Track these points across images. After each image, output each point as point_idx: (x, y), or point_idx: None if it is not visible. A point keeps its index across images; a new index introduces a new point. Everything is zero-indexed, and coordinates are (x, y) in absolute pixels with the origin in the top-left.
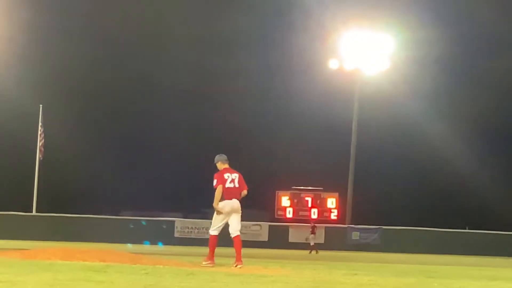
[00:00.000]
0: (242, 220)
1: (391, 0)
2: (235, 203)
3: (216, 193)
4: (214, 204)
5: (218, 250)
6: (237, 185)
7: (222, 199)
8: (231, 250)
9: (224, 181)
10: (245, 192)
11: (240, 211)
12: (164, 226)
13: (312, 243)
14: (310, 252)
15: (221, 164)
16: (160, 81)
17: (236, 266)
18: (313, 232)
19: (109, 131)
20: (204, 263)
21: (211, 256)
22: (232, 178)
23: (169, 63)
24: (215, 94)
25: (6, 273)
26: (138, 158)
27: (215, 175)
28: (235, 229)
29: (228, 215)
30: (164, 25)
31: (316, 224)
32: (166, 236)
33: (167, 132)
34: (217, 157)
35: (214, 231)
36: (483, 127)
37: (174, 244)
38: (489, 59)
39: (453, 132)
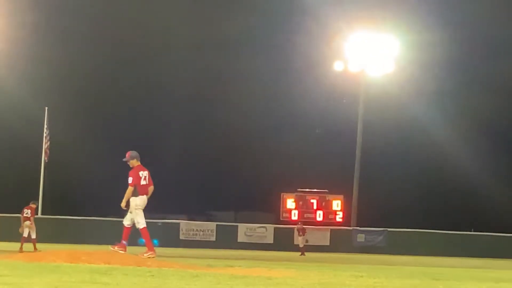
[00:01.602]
0: (247, 222)
1: (396, 2)
2: (145, 198)
3: (127, 192)
4: (123, 204)
5: (220, 253)
6: (147, 182)
7: (137, 194)
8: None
9: (139, 179)
10: (152, 188)
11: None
12: (160, 224)
13: (301, 245)
14: (302, 254)
15: (135, 161)
16: (166, 83)
17: (147, 255)
18: (302, 234)
19: (114, 133)
20: (145, 255)
21: (151, 247)
22: (144, 176)
23: (174, 65)
24: (220, 96)
25: (11, 276)
26: (143, 160)
27: (131, 172)
28: (142, 223)
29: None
30: (170, 27)
31: (304, 226)
32: (171, 238)
33: (172, 133)
34: (132, 154)
35: (143, 223)
36: (489, 129)
37: (179, 246)
38: (494, 61)
39: (459, 134)
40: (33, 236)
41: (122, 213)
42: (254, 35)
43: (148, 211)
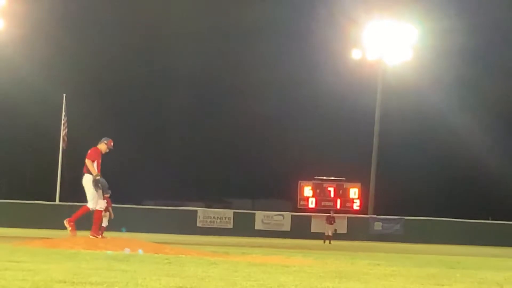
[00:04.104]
0: (264, 209)
1: None
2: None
3: None
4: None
5: (237, 240)
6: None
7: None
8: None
9: None
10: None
11: (85, 187)
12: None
13: (328, 233)
14: (325, 241)
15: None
16: (183, 70)
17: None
18: (331, 223)
19: (132, 120)
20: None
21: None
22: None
23: (192, 52)
24: (238, 84)
25: (30, 262)
26: (161, 147)
27: None
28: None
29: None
30: (189, 15)
31: (334, 215)
32: (189, 226)
33: (190, 121)
34: None
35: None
36: (508, 117)
37: (196, 234)
38: None
39: (477, 122)
40: (104, 224)
41: (140, 200)
42: (272, 23)
43: (166, 198)
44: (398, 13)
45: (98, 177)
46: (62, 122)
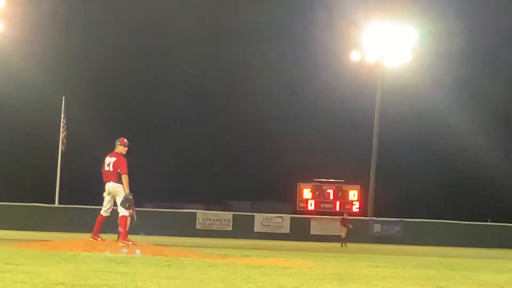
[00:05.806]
0: (264, 211)
1: None
2: (107, 185)
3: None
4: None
5: (236, 242)
6: (111, 169)
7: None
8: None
9: (103, 165)
10: (122, 175)
11: (118, 193)
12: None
13: (343, 235)
14: (342, 244)
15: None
16: (183, 71)
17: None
18: (344, 225)
19: (131, 123)
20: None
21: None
22: (109, 162)
23: (191, 54)
24: (238, 86)
25: (29, 264)
26: (160, 149)
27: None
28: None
29: (108, 196)
30: (189, 17)
31: (347, 217)
32: (188, 228)
33: (190, 123)
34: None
35: (103, 212)
36: (507, 119)
37: (195, 236)
38: None
39: (477, 124)
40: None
41: (140, 203)
42: (272, 24)
43: (165, 200)
44: (397, 15)
45: (131, 196)
46: (61, 124)
